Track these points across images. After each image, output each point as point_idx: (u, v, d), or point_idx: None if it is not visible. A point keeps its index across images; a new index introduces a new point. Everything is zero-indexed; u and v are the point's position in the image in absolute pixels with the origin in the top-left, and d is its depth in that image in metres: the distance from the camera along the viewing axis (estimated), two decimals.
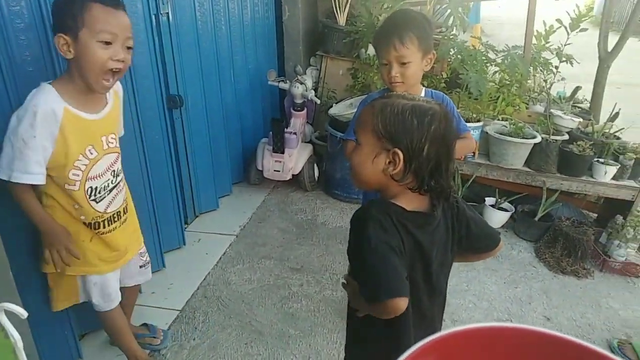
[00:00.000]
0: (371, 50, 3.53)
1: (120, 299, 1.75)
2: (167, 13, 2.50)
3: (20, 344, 0.78)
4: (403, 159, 0.97)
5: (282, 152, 3.17)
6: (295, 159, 3.22)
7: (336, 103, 3.46)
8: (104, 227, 1.59)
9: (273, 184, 3.49)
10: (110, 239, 1.63)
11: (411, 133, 0.97)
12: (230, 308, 2.26)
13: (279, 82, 3.42)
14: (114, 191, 1.59)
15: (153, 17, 2.30)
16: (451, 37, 3.34)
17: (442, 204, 1.06)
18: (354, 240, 1.02)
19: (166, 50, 2.53)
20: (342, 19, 3.70)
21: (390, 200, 1.02)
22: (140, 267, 1.89)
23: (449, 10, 3.56)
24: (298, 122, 3.38)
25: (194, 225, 2.96)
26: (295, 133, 3.25)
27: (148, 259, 1.93)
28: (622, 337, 2.23)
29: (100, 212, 1.56)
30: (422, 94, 1.83)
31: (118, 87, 1.62)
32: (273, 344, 2.06)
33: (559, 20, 3.09)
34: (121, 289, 1.77)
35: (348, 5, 3.66)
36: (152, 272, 2.40)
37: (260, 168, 3.27)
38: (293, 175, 3.25)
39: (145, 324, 2.07)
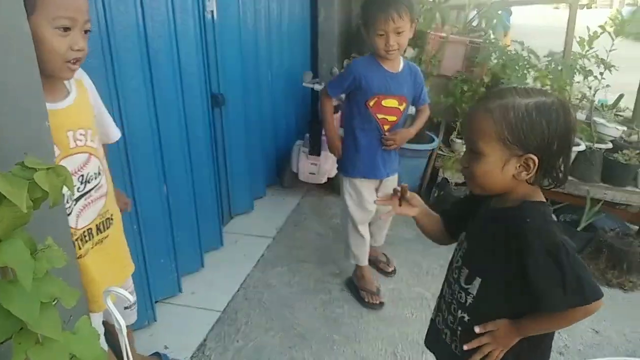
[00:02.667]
0: (409, 52, 3.48)
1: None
2: (212, 11, 2.48)
3: (125, 331, 0.76)
4: (537, 163, 0.95)
5: (319, 155, 3.14)
6: (332, 161, 3.17)
7: None
8: (79, 248, 1.29)
9: (306, 187, 3.45)
10: (83, 266, 1.29)
11: (542, 135, 0.94)
12: (272, 311, 2.22)
13: (314, 84, 3.38)
14: (82, 201, 1.29)
15: (200, 14, 2.28)
16: (492, 41, 3.29)
17: None
18: (540, 250, 0.94)
19: (210, 48, 2.51)
20: None
21: (532, 199, 1.01)
22: (125, 308, 1.58)
23: (487, 15, 3.52)
24: None
25: (230, 227, 2.93)
26: None
27: (135, 298, 1.64)
28: None
29: (71, 227, 1.25)
30: (402, 63, 2.14)
31: (81, 75, 1.33)
32: (317, 348, 2.02)
33: (602, 27, 3.03)
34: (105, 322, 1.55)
35: None
36: (192, 273, 2.41)
37: (295, 170, 3.23)
38: (328, 178, 3.21)
39: (157, 353, 1.91)
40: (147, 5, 1.83)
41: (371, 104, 2.11)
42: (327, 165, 3.16)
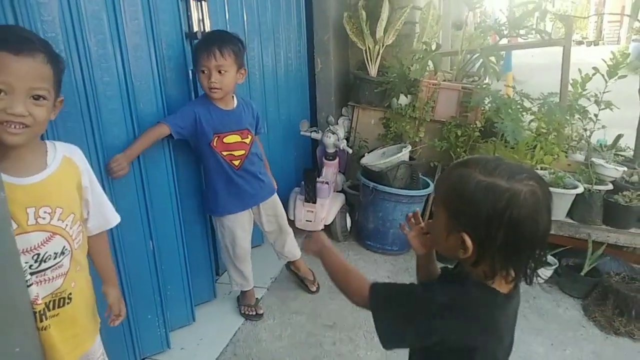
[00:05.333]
0: (402, 100, 3.53)
1: None
2: None
3: None
4: (473, 245, 0.89)
5: (314, 202, 3.14)
6: (328, 208, 3.17)
7: (368, 152, 3.44)
8: (41, 321, 1.20)
9: (304, 234, 3.42)
10: (47, 341, 1.22)
11: (478, 218, 0.86)
12: None
13: (311, 132, 3.43)
14: (34, 278, 1.20)
15: (190, 72, 2.33)
16: (484, 86, 3.31)
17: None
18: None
19: None
20: (373, 70, 3.73)
21: (484, 282, 0.93)
22: None
23: (481, 60, 3.55)
24: (330, 171, 3.35)
25: (225, 277, 2.90)
26: (327, 182, 3.22)
27: None
28: None
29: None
30: (235, 101, 2.25)
31: (72, 153, 1.30)
32: None
33: (595, 68, 3.03)
34: None
35: (379, 57, 3.70)
36: (182, 327, 2.38)
37: (292, 218, 3.22)
38: (325, 225, 3.20)
39: None
40: (134, 78, 1.87)
41: (214, 144, 2.20)
42: (323, 212, 3.15)
